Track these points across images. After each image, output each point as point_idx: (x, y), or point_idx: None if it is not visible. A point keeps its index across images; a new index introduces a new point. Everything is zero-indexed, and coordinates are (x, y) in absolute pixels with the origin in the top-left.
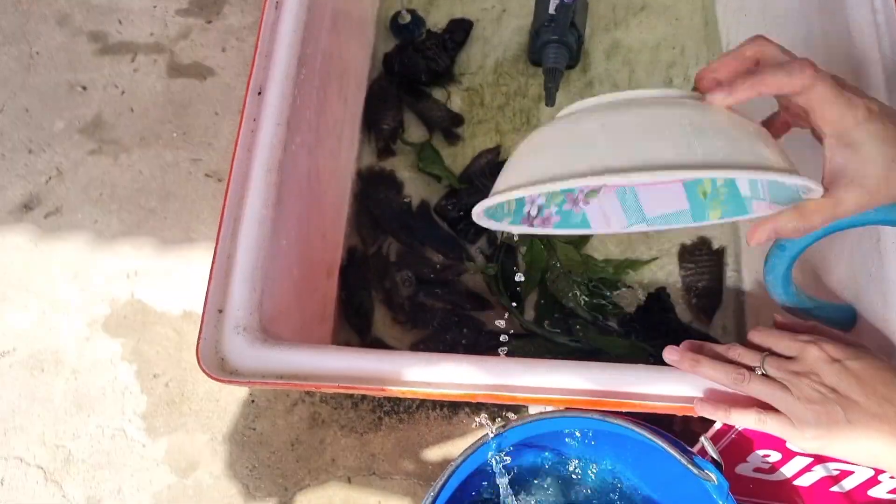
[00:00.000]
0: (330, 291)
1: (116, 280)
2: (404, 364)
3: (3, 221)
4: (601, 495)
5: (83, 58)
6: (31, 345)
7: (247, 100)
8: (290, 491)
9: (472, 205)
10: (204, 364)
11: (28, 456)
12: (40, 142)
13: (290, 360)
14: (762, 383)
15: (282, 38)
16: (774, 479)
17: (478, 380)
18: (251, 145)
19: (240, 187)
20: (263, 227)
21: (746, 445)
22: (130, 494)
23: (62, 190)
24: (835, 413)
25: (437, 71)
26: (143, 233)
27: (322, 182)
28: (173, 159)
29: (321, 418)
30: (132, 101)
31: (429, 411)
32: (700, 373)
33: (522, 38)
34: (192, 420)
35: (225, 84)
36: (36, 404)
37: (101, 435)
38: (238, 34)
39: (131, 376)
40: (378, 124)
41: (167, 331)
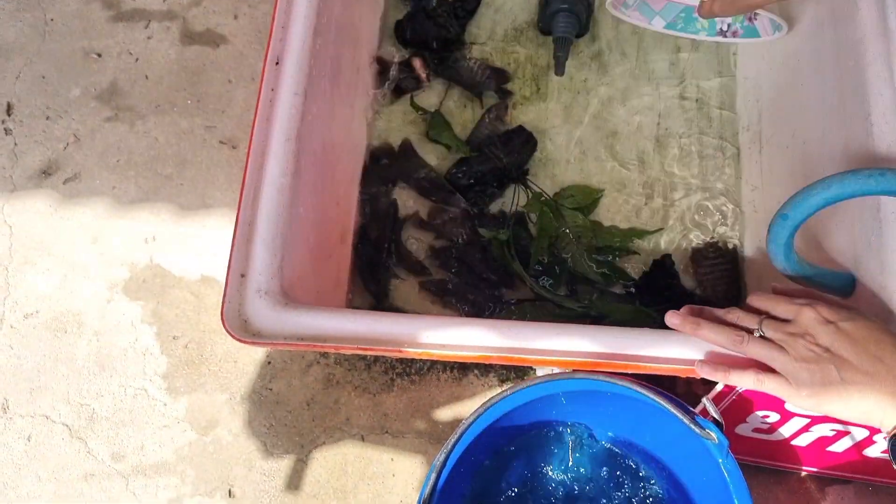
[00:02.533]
0: (343, 257)
1: (135, 245)
2: (420, 327)
3: (24, 187)
4: (609, 456)
5: (97, 25)
6: (54, 307)
7: (265, 70)
8: (305, 448)
9: (482, 173)
10: (228, 326)
11: (53, 414)
12: (57, 108)
13: (309, 323)
14: (760, 345)
15: (298, 9)
16: (773, 438)
17: (490, 342)
18: (270, 115)
19: (259, 156)
20: (282, 194)
21: (746, 406)
22: (153, 451)
23: (80, 156)
24: (829, 372)
25: (448, 38)
26: (160, 198)
27: (336, 150)
28: (188, 126)
29: (335, 379)
30: (146, 68)
31: (439, 373)
32: (700, 335)
33: (532, 6)
34: (211, 380)
35: (238, 52)
36: (60, 364)
37: (124, 394)
38: (249, 1)
39: (151, 338)
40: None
41: (185, 294)
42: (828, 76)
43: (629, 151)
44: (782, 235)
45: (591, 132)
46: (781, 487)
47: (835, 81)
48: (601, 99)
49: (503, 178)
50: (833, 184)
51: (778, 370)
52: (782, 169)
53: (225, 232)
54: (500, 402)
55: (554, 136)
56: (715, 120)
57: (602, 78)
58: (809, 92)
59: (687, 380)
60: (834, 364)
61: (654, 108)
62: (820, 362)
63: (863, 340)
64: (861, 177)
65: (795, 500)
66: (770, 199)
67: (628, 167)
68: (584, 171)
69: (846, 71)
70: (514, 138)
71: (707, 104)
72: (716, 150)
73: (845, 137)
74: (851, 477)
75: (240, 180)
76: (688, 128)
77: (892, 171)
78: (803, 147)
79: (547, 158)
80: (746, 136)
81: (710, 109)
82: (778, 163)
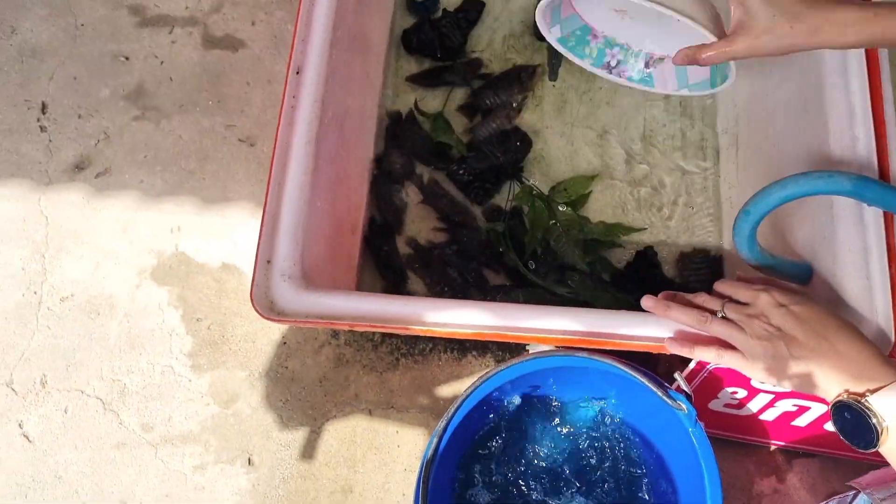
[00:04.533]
0: (354, 247)
1: (161, 234)
2: (425, 308)
3: (58, 180)
4: (594, 427)
5: (125, 30)
6: (88, 291)
7: (287, 79)
8: (318, 421)
9: (480, 170)
10: (257, 306)
11: (88, 389)
12: (88, 108)
13: (327, 303)
14: (721, 324)
15: (316, 23)
16: (742, 413)
17: (485, 322)
18: (292, 120)
19: (283, 157)
20: (303, 190)
21: (717, 383)
22: (179, 422)
23: (110, 152)
24: (779, 348)
25: (451, 47)
26: (185, 192)
27: (348, 150)
28: (209, 125)
29: (345, 358)
30: (171, 70)
31: (440, 353)
32: (670, 316)
33: (528, 16)
34: (232, 359)
35: (255, 56)
36: (93, 343)
37: (152, 371)
38: (266, 8)
39: (177, 320)
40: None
41: (208, 280)
42: (793, 85)
43: (617, 150)
44: (745, 229)
45: (581, 132)
46: (752, 460)
47: (799, 91)
48: (591, 101)
49: (500, 175)
50: (789, 184)
51: (737, 346)
52: (756, 169)
53: (244, 222)
54: (495, 375)
55: (547, 136)
56: (697, 122)
57: (592, 82)
58: (778, 99)
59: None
60: (784, 341)
61: (640, 110)
62: (772, 340)
63: (809, 321)
64: (812, 178)
65: (765, 471)
66: (745, 196)
67: (616, 165)
68: (575, 168)
69: (809, 82)
70: (510, 138)
71: (689, 108)
72: (697, 150)
73: (807, 141)
74: (815, 450)
75: (257, 175)
76: (671, 129)
77: (840, 174)
78: (774, 149)
79: (540, 157)
80: (725, 139)
81: (692, 112)
82: (752, 163)
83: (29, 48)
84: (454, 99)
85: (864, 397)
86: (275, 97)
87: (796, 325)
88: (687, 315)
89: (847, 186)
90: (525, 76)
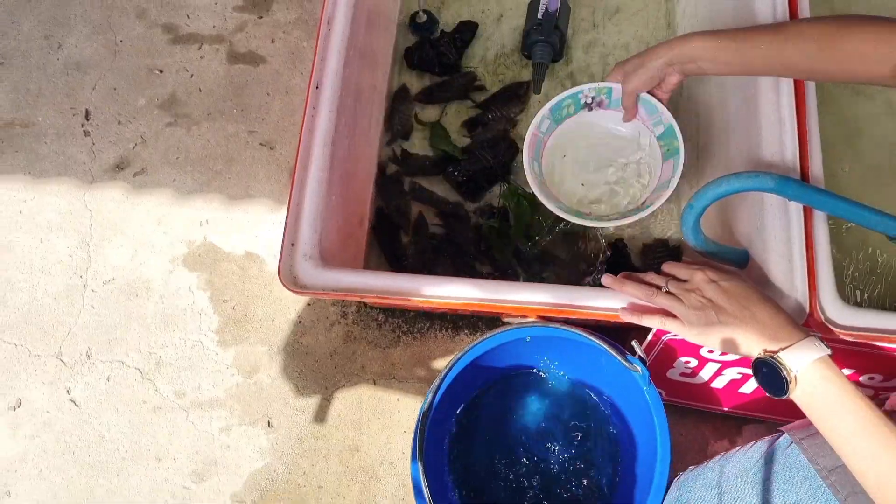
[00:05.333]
0: (361, 237)
1: (191, 226)
2: (423, 283)
3: (101, 179)
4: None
5: (159, 46)
6: (127, 275)
7: (309, 92)
8: (329, 389)
9: (473, 172)
10: (283, 280)
11: (128, 360)
12: (127, 115)
13: (341, 279)
14: (664, 297)
15: (332, 45)
16: (696, 382)
17: (474, 294)
18: (312, 127)
19: (305, 157)
20: (321, 185)
21: (672, 353)
22: (207, 390)
23: (146, 154)
24: (710, 315)
25: (448, 64)
26: (212, 189)
27: (357, 152)
28: (234, 131)
29: (353, 336)
30: (200, 82)
31: (437, 332)
32: (624, 291)
33: (517, 36)
34: (254, 335)
35: (274, 70)
36: (132, 321)
37: (184, 345)
38: (284, 28)
39: (206, 301)
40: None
41: (233, 267)
42: (738, 99)
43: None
44: (690, 220)
45: None
46: (707, 425)
47: (742, 104)
48: None
49: (491, 176)
50: (723, 182)
51: (676, 315)
52: (710, 172)
53: (264, 217)
54: (482, 341)
55: None
56: None
57: None
58: (728, 111)
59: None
60: (714, 310)
61: None
62: (705, 309)
63: (736, 294)
64: (742, 177)
65: (718, 435)
66: None
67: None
68: None
69: (749, 96)
70: (499, 144)
71: None
72: None
73: (747, 147)
74: (762, 416)
75: (276, 175)
76: None
77: (765, 173)
78: (723, 154)
79: None
80: (688, 146)
81: None
82: (709, 165)
83: (74, 62)
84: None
85: (777, 354)
86: (291, 106)
87: (724, 297)
88: (637, 289)
89: (770, 184)
90: (522, 92)
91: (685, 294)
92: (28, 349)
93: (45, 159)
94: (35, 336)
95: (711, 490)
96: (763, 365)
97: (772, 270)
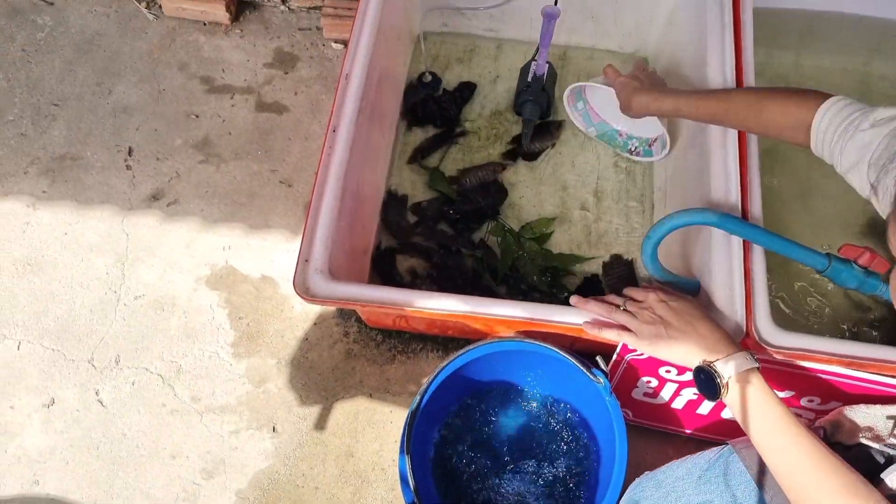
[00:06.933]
0: (365, 263)
1: (215, 251)
2: (416, 297)
3: (139, 207)
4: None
5: (196, 95)
6: (156, 292)
7: (326, 135)
8: (329, 400)
9: (466, 212)
10: (297, 290)
11: (151, 367)
12: (165, 153)
13: (345, 291)
14: (622, 314)
15: (349, 97)
16: (657, 402)
17: (459, 307)
18: (328, 164)
19: (320, 188)
20: (333, 213)
21: (634, 373)
22: (220, 396)
23: (180, 187)
24: (660, 330)
25: (449, 118)
26: (235, 220)
27: (365, 188)
28: (258, 169)
29: (353, 353)
30: (230, 127)
31: (428, 352)
32: (588, 308)
33: (510, 96)
34: (265, 349)
35: (296, 118)
36: (158, 333)
37: (202, 356)
38: (307, 83)
39: (224, 317)
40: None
41: (249, 287)
42: (696, 152)
43: (575, 200)
44: (648, 249)
45: (547, 186)
46: (670, 446)
47: (698, 156)
48: (556, 162)
49: (481, 215)
50: (675, 217)
51: (632, 329)
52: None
53: (280, 246)
54: (466, 352)
55: (520, 187)
56: (638, 181)
57: (558, 147)
58: (689, 161)
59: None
60: (663, 326)
61: (595, 170)
62: (655, 324)
63: (682, 313)
64: (690, 212)
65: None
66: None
67: (573, 211)
68: (541, 213)
69: (704, 150)
70: (490, 187)
71: (633, 171)
72: (638, 203)
73: (702, 191)
74: (720, 438)
75: (293, 210)
76: (619, 186)
77: (709, 210)
78: (685, 197)
79: (514, 203)
80: (658, 194)
81: (634, 174)
82: (672, 207)
83: (121, 106)
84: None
85: (713, 364)
86: (309, 150)
87: (672, 315)
88: (599, 307)
89: (713, 219)
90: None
91: (639, 311)
92: (64, 354)
93: (91, 189)
94: (71, 343)
95: (659, 490)
96: (701, 372)
97: (717, 296)
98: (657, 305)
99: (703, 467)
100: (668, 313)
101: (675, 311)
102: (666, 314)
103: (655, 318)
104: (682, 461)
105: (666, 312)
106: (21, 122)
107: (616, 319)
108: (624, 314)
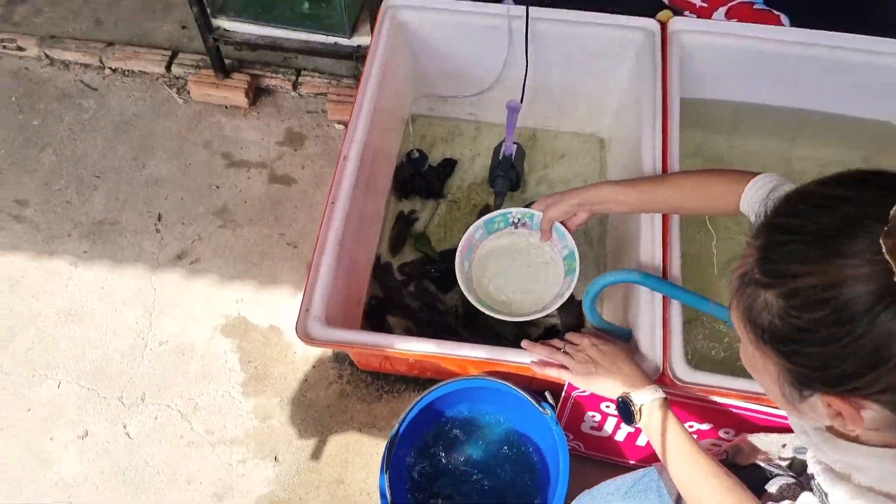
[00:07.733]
0: (358, 314)
1: (230, 304)
2: (396, 340)
3: (165, 265)
4: (503, 433)
5: (217, 169)
6: (178, 339)
7: (326, 207)
8: (324, 434)
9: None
10: (299, 334)
11: (172, 404)
12: (189, 219)
13: (339, 336)
14: (562, 355)
15: (346, 175)
16: (602, 435)
17: (433, 349)
18: (327, 230)
19: (320, 250)
20: (330, 271)
21: (581, 408)
22: (231, 430)
23: (201, 248)
24: (590, 368)
25: (434, 190)
26: (248, 277)
27: (359, 250)
28: (268, 233)
29: (346, 392)
30: (246, 196)
31: (410, 391)
32: (535, 351)
33: (485, 172)
34: (270, 389)
35: (303, 189)
36: (178, 374)
37: (216, 394)
38: (312, 158)
39: (235, 361)
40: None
41: (258, 336)
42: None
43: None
44: (587, 302)
45: None
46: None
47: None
48: None
49: None
50: (608, 275)
51: (569, 368)
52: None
53: (286, 300)
54: (437, 389)
55: None
56: (594, 244)
57: None
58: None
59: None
60: (593, 365)
61: None
62: (586, 364)
63: (609, 354)
64: (618, 272)
65: None
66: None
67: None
68: None
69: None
70: None
71: (590, 234)
72: (593, 264)
73: (635, 255)
74: None
75: (298, 268)
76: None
77: (634, 270)
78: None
79: None
80: (610, 256)
81: (592, 240)
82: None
83: (153, 178)
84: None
85: (629, 394)
86: (314, 216)
87: (601, 356)
88: (544, 349)
89: (637, 277)
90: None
91: (575, 353)
92: (97, 392)
93: (125, 249)
94: (104, 383)
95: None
96: (621, 402)
97: (642, 342)
98: (589, 348)
99: (630, 484)
100: (598, 355)
101: (603, 353)
102: (596, 356)
103: (588, 358)
104: (613, 480)
105: (596, 354)
106: (67, 191)
107: (556, 360)
108: (563, 355)
